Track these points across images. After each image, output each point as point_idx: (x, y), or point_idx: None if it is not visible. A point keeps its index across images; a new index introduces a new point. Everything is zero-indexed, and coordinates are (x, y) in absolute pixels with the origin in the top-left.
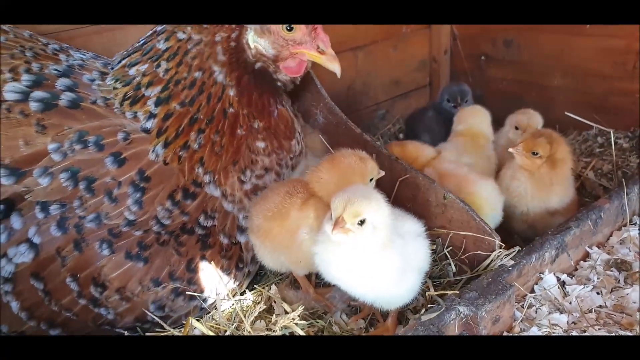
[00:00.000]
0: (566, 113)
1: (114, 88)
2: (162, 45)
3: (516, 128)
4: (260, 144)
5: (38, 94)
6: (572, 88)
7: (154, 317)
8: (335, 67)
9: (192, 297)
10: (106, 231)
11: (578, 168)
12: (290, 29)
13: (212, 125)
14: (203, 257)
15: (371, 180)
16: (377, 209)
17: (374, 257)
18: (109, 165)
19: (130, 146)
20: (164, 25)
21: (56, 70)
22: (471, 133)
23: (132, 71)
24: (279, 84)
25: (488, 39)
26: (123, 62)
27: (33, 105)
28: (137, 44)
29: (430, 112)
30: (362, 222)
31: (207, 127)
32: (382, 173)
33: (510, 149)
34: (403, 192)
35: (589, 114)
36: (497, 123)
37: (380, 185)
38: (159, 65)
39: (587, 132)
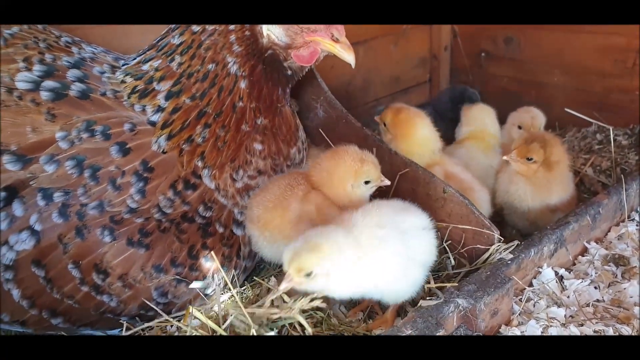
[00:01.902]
0: (566, 109)
1: (122, 82)
2: (176, 40)
3: (519, 127)
4: (258, 146)
5: (49, 83)
6: (572, 85)
7: (154, 308)
8: (349, 57)
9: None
10: (108, 218)
11: (577, 164)
12: None
13: (220, 120)
14: (204, 244)
15: (367, 183)
16: (321, 260)
17: (370, 269)
18: (113, 154)
19: (136, 137)
20: None
21: (67, 61)
22: (483, 134)
23: (146, 67)
24: (289, 72)
25: (488, 37)
26: (138, 59)
27: (44, 95)
28: (153, 42)
29: (430, 110)
30: (309, 274)
31: (214, 121)
32: (386, 182)
33: (505, 157)
34: (403, 186)
35: (589, 111)
36: (497, 120)
37: None
38: (172, 60)
39: (587, 129)
